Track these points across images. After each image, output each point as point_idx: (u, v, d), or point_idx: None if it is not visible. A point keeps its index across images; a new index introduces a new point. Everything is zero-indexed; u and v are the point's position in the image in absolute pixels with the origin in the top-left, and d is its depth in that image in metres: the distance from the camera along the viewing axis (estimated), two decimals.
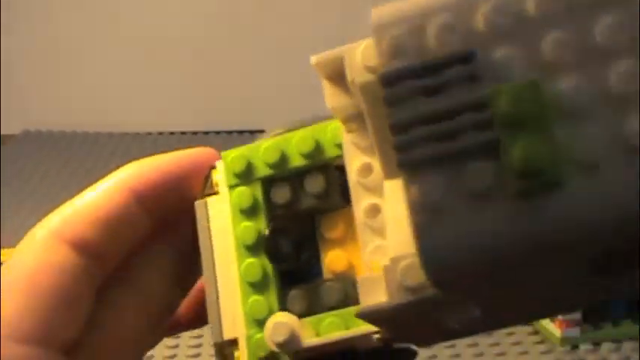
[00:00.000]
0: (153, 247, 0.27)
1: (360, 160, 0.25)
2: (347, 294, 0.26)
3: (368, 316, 0.22)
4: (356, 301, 0.25)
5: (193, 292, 0.28)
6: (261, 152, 0.27)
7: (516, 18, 0.20)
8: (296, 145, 0.26)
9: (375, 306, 0.22)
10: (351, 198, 0.25)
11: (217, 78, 1.36)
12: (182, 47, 1.36)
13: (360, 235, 0.25)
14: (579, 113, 0.20)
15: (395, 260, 0.21)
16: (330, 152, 0.26)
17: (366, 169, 0.25)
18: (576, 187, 0.19)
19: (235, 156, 0.27)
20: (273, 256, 0.26)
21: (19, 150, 1.24)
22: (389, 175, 0.22)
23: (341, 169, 0.26)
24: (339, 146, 0.26)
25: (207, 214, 0.27)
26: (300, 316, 0.26)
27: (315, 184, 0.26)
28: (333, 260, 0.26)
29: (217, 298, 0.27)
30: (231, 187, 0.27)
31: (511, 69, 0.20)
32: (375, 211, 0.25)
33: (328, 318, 0.26)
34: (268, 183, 0.27)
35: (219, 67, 1.36)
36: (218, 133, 1.33)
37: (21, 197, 1.06)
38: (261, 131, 1.03)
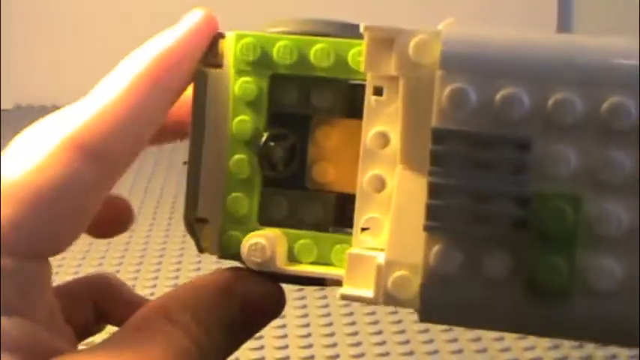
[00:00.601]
0: None
1: (378, 126, 0.24)
2: (326, 212, 0.26)
3: (349, 299, 0.23)
4: (332, 224, 0.25)
5: (181, 102, 0.26)
6: (279, 49, 0.26)
7: (586, 119, 0.20)
8: (315, 53, 0.26)
9: (358, 297, 0.22)
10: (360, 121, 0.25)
11: None
12: (173, 23, 1.35)
13: (358, 201, 0.24)
14: (608, 242, 0.20)
15: (389, 265, 0.22)
16: (347, 73, 0.25)
17: (382, 138, 0.24)
18: (582, 306, 0.20)
19: (250, 42, 0.26)
20: (266, 162, 0.26)
21: (11, 125, 1.24)
22: (404, 162, 0.23)
23: (352, 87, 0.25)
24: (356, 71, 0.25)
25: (205, 87, 0.26)
26: (277, 224, 0.26)
27: (323, 97, 0.26)
28: (319, 171, 0.26)
29: (198, 175, 0.26)
30: (239, 72, 0.26)
31: (562, 171, 0.20)
32: (379, 183, 0.24)
33: (303, 239, 0.26)
34: (276, 79, 0.26)
35: None
36: None
37: None
38: None
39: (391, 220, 0.23)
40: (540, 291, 0.20)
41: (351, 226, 0.25)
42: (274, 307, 0.26)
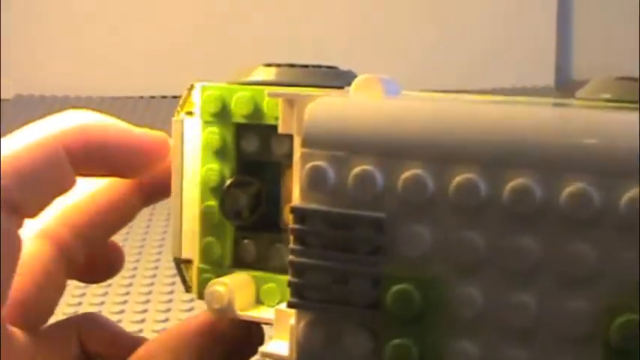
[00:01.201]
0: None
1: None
2: None
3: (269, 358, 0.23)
4: None
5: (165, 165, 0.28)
6: (236, 100, 0.27)
7: (439, 197, 0.19)
8: (268, 104, 0.26)
9: (276, 355, 0.23)
10: None
11: (210, 41, 1.35)
12: (173, 11, 1.35)
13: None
14: (466, 326, 0.19)
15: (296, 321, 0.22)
16: None
17: None
18: None
19: (212, 95, 0.27)
20: (228, 212, 0.27)
21: (11, 115, 1.24)
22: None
23: None
24: None
25: (182, 134, 0.27)
26: (248, 266, 0.27)
27: (282, 144, 0.27)
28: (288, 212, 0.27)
29: (181, 218, 0.27)
30: (205, 122, 0.27)
31: (416, 252, 0.19)
32: None
33: (269, 283, 0.26)
34: (241, 128, 0.27)
35: (212, 31, 1.35)
36: None
37: None
38: None
39: None
40: None
41: None
42: (252, 345, 0.27)
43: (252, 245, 0.27)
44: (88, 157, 0.26)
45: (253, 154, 0.27)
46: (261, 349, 0.25)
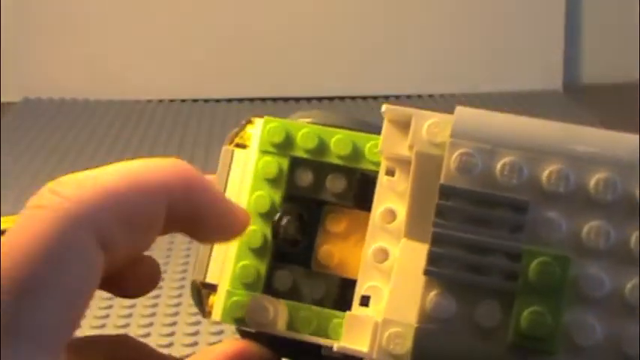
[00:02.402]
0: None
1: (387, 203, 0.26)
2: (327, 292, 0.28)
3: (345, 352, 0.25)
4: (332, 303, 0.27)
5: None
6: (303, 134, 0.28)
7: (577, 191, 0.23)
8: (336, 142, 0.28)
9: (354, 350, 0.24)
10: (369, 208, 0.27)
11: (217, 45, 1.35)
12: (182, 15, 1.35)
13: (361, 270, 0.26)
14: (591, 302, 0.22)
15: (386, 322, 0.24)
16: (362, 163, 0.28)
17: (390, 214, 0.26)
18: None
19: (277, 126, 0.28)
20: (279, 234, 0.28)
21: (19, 118, 1.24)
22: (408, 234, 0.25)
23: (364, 178, 0.28)
24: (370, 162, 0.28)
25: (230, 163, 0.29)
26: (281, 295, 0.28)
27: (337, 184, 0.28)
28: (325, 253, 0.28)
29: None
30: (263, 152, 0.29)
31: (553, 235, 0.22)
32: (383, 254, 0.26)
33: (304, 311, 0.27)
34: (295, 162, 0.28)
35: (221, 34, 1.35)
36: (218, 101, 1.33)
37: (21, 165, 1.06)
38: (262, 99, 1.03)
39: (391, 283, 0.25)
40: (526, 340, 0.22)
41: (350, 309, 0.27)
42: None
43: (289, 275, 0.28)
44: (184, 215, 0.25)
45: (304, 189, 0.28)
46: (335, 346, 0.25)
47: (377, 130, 0.28)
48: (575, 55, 1.42)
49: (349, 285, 0.27)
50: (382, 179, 0.27)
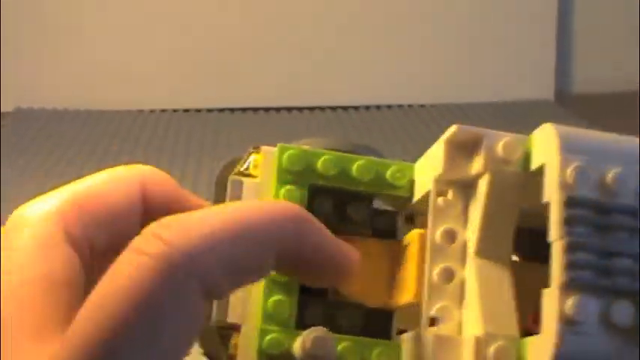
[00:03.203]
0: None
1: (445, 224, 0.26)
2: (357, 321, 0.27)
3: None
4: (365, 331, 0.27)
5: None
6: (324, 161, 0.27)
7: None
8: (358, 168, 0.27)
9: None
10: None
11: (208, 56, 1.35)
12: (178, 25, 1.35)
13: (427, 292, 0.26)
14: None
15: (489, 337, 0.24)
16: (386, 188, 0.28)
17: (451, 235, 0.26)
18: None
19: (295, 154, 0.27)
20: None
21: (12, 128, 1.24)
22: (480, 253, 0.25)
23: (381, 210, 0.28)
24: (394, 187, 0.28)
25: (239, 195, 0.27)
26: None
27: (359, 211, 0.28)
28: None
29: None
30: (282, 181, 0.27)
31: None
32: (449, 274, 0.26)
33: (344, 342, 0.26)
34: (315, 191, 0.27)
35: (213, 46, 1.35)
36: (210, 110, 1.33)
37: (14, 174, 1.05)
38: (255, 109, 1.02)
39: (479, 301, 0.25)
40: None
41: (375, 336, 0.26)
42: None
43: (319, 307, 0.27)
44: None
45: (323, 219, 0.27)
46: None
47: (375, 154, 0.27)
48: (566, 65, 1.43)
49: (372, 313, 0.27)
50: (436, 201, 0.26)
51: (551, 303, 0.23)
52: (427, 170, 0.28)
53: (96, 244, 0.25)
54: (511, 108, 1.33)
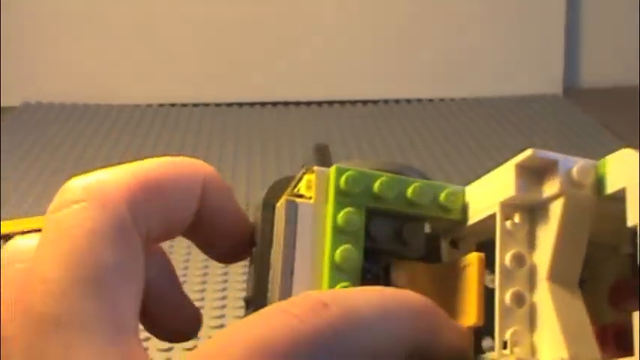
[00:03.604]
0: None
1: (514, 248, 0.27)
2: None
3: None
4: None
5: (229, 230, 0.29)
6: (381, 183, 0.28)
7: None
8: (414, 190, 0.28)
9: None
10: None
11: (216, 49, 1.35)
12: (183, 20, 1.35)
13: (499, 316, 0.26)
14: None
15: (573, 357, 0.24)
16: (440, 211, 0.28)
17: (520, 259, 0.26)
18: None
19: (352, 176, 0.27)
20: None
21: (19, 122, 1.24)
22: (552, 277, 0.26)
23: (433, 231, 0.29)
24: (448, 210, 0.28)
25: (295, 216, 0.27)
26: None
27: (414, 233, 0.28)
28: None
29: (290, 287, 0.27)
30: (339, 203, 0.27)
31: None
32: (520, 299, 0.26)
33: None
34: (373, 213, 0.28)
35: (220, 39, 1.35)
36: (218, 105, 1.33)
37: (21, 169, 1.05)
38: (262, 104, 1.03)
39: (557, 324, 0.25)
40: None
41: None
42: None
43: None
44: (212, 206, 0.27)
45: (380, 241, 0.28)
46: None
47: (418, 175, 0.28)
48: (575, 59, 1.42)
49: None
50: (504, 225, 0.27)
51: (592, 346, 0.23)
52: (489, 194, 0.28)
53: (150, 235, 0.25)
54: (519, 103, 1.32)
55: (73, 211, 0.24)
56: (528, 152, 0.26)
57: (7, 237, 0.84)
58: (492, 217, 0.27)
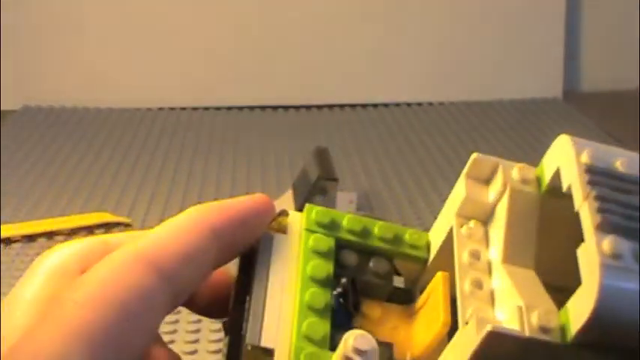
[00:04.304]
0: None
1: (469, 247, 0.29)
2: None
3: (496, 337, 0.25)
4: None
5: (210, 284, 0.30)
6: (346, 219, 0.31)
7: None
8: (379, 228, 0.31)
9: (507, 330, 0.25)
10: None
11: (217, 53, 1.35)
12: (182, 22, 1.35)
13: (461, 302, 0.28)
14: None
15: (530, 305, 0.25)
16: (404, 247, 0.31)
17: (476, 254, 0.28)
18: None
19: (322, 210, 0.31)
20: (351, 302, 0.30)
21: (20, 126, 1.24)
22: (507, 260, 0.28)
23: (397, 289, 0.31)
24: (411, 247, 0.31)
25: (270, 245, 0.30)
26: None
27: (380, 264, 0.30)
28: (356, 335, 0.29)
29: (263, 311, 0.29)
30: (310, 231, 0.30)
31: None
32: (479, 284, 0.28)
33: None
34: (340, 245, 0.30)
35: (221, 42, 1.35)
36: (218, 109, 1.33)
37: (21, 173, 1.06)
38: (262, 107, 1.03)
39: (514, 291, 0.27)
40: None
41: None
42: None
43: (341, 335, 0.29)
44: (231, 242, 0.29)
45: (348, 270, 0.30)
46: (493, 328, 0.25)
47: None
48: (575, 63, 1.42)
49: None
50: (460, 230, 0.29)
51: (590, 248, 0.25)
52: (446, 213, 0.30)
53: (182, 286, 0.27)
54: (519, 106, 1.32)
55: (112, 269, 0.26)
56: (473, 156, 0.30)
57: (7, 241, 0.85)
58: (452, 251, 0.29)
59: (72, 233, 0.87)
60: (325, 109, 1.33)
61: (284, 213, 0.31)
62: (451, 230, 0.30)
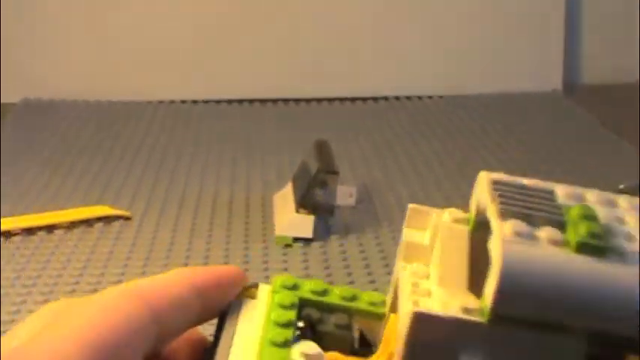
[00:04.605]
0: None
1: (413, 280, 0.31)
2: None
3: (422, 319, 0.27)
4: None
5: (190, 343, 0.34)
6: (308, 282, 0.34)
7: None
8: (339, 289, 0.34)
9: (432, 311, 0.27)
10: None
11: (218, 46, 1.35)
12: (183, 15, 1.35)
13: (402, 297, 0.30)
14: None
15: (451, 290, 0.29)
16: (362, 304, 0.34)
17: (417, 284, 0.30)
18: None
19: (287, 277, 0.34)
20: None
21: (20, 119, 1.24)
22: (443, 283, 0.30)
23: (361, 334, 0.34)
24: (368, 303, 0.34)
25: (240, 308, 0.33)
26: None
27: (340, 318, 0.33)
28: None
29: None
30: (276, 292, 0.33)
31: None
32: (417, 304, 0.29)
33: None
34: (302, 304, 0.33)
35: (222, 35, 1.35)
36: (218, 102, 1.33)
37: (21, 166, 1.06)
38: (262, 100, 1.03)
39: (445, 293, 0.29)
40: (585, 245, 0.27)
41: None
42: None
43: None
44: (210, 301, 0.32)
45: (309, 321, 0.33)
46: (416, 309, 0.28)
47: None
48: (575, 56, 1.42)
49: None
50: (404, 272, 0.31)
51: (495, 233, 0.27)
52: (396, 263, 0.33)
53: (167, 326, 0.30)
54: (519, 99, 1.32)
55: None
56: (410, 206, 0.34)
57: (7, 234, 0.85)
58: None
59: (72, 226, 0.87)
60: (325, 103, 1.33)
61: (254, 285, 0.34)
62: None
